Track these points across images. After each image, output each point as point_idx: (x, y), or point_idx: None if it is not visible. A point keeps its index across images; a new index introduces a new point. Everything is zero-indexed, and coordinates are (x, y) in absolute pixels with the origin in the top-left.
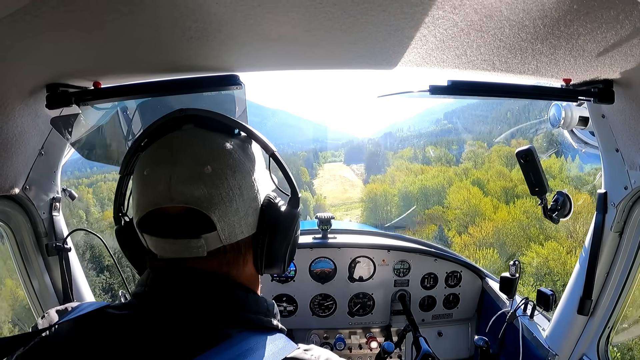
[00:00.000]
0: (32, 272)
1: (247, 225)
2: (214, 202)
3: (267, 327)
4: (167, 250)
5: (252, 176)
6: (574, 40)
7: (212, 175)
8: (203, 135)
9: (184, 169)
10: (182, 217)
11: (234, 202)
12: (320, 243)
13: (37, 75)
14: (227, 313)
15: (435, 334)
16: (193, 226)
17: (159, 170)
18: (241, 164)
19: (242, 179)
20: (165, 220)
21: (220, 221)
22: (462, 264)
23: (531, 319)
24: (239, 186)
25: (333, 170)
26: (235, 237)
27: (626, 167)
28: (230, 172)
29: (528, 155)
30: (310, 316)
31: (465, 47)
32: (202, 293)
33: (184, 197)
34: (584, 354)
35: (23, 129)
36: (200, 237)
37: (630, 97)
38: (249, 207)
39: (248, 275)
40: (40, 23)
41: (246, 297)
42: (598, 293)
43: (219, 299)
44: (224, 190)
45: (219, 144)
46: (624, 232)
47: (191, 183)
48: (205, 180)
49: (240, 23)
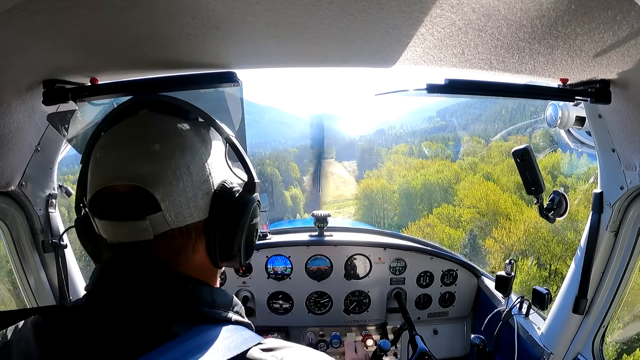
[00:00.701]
0: (27, 269)
1: (197, 209)
2: (159, 180)
3: (221, 320)
4: (116, 234)
5: (203, 158)
6: (571, 41)
7: (159, 153)
8: (157, 118)
9: (131, 148)
10: (128, 197)
11: (180, 181)
12: (317, 241)
13: (34, 71)
14: (174, 307)
15: (431, 332)
16: (138, 206)
17: (108, 151)
18: (192, 144)
19: (191, 159)
20: (112, 201)
21: (165, 200)
22: (458, 263)
23: (526, 318)
24: (187, 165)
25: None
26: (183, 219)
27: (622, 167)
28: (179, 151)
29: (525, 155)
30: (306, 314)
31: (463, 46)
32: (147, 288)
33: (128, 174)
34: (579, 353)
35: (19, 125)
36: (145, 219)
37: (627, 98)
38: (199, 189)
39: (199, 265)
40: (37, 19)
41: (196, 289)
42: (593, 292)
43: (166, 291)
44: (171, 169)
45: (170, 125)
46: (619, 232)
47: (137, 161)
48: (152, 157)
49: (238, 20)
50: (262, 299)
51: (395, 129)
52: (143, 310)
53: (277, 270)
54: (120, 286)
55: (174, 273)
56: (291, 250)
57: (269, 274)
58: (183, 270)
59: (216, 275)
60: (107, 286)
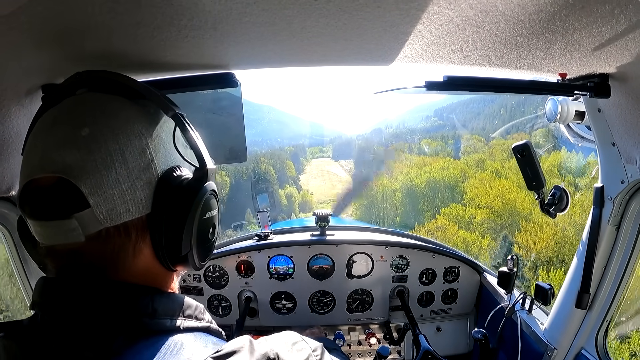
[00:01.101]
0: (30, 273)
1: (135, 202)
2: (86, 170)
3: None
4: (44, 235)
5: (143, 141)
6: (569, 35)
7: (88, 137)
8: (95, 97)
9: (60, 134)
10: (52, 191)
11: (112, 170)
12: (318, 240)
13: (33, 76)
14: (112, 321)
15: (434, 329)
16: (63, 202)
17: (36, 138)
18: (129, 126)
19: (126, 143)
20: (38, 196)
21: (93, 194)
22: (460, 259)
23: (529, 314)
24: (121, 151)
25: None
26: (118, 216)
27: (622, 161)
28: (111, 134)
29: (525, 150)
30: (309, 313)
31: (461, 42)
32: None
33: (54, 164)
34: (582, 348)
35: (19, 130)
36: (71, 217)
37: (626, 91)
38: (137, 179)
39: (144, 269)
40: (35, 23)
41: (133, 298)
42: (596, 287)
43: (100, 304)
44: (100, 156)
45: (105, 105)
46: (621, 226)
47: (64, 148)
48: (79, 144)
49: (235, 21)
50: (264, 300)
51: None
52: (81, 329)
53: (280, 270)
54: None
55: (108, 282)
56: (293, 250)
57: (271, 274)
58: (122, 277)
59: (171, 280)
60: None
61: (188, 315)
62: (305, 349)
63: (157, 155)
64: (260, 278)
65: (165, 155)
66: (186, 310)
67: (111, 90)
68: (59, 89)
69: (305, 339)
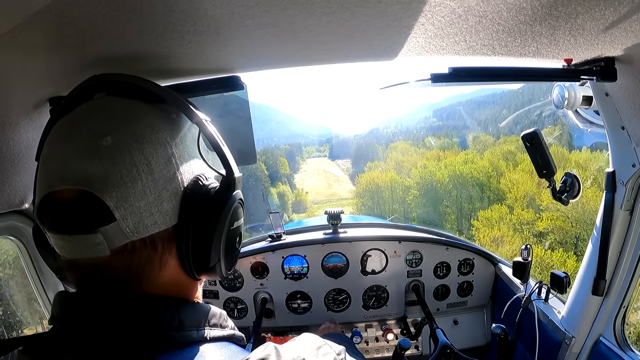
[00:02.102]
0: (47, 285)
1: (161, 214)
2: (111, 182)
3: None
4: (66, 249)
5: (168, 150)
6: (572, 20)
7: (111, 147)
8: (114, 102)
9: (80, 143)
10: (75, 205)
11: (138, 182)
12: (331, 238)
13: (40, 89)
14: (138, 336)
15: (451, 322)
16: (87, 216)
17: (55, 147)
18: (153, 134)
19: (152, 153)
20: (59, 210)
21: (119, 208)
22: (474, 251)
23: (546, 303)
24: (147, 162)
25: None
26: (145, 229)
27: (633, 144)
28: (135, 143)
29: (534, 138)
30: (326, 312)
31: (465, 33)
32: (106, 315)
33: (75, 176)
34: (600, 335)
35: (29, 143)
36: (97, 232)
37: (632, 74)
38: (164, 190)
39: (171, 281)
40: (39, 37)
41: (158, 311)
42: (612, 273)
43: (126, 319)
44: (125, 167)
45: (127, 111)
46: (634, 210)
47: (85, 159)
48: (102, 153)
49: (238, 24)
50: (280, 300)
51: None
52: (105, 345)
53: (294, 270)
54: (78, 320)
55: (133, 295)
56: (306, 249)
57: (285, 275)
58: (149, 290)
59: (195, 289)
60: (66, 320)
61: (213, 324)
62: (330, 353)
63: (183, 164)
64: (275, 279)
65: (190, 164)
66: (211, 319)
67: (131, 94)
68: (74, 94)
69: (328, 343)
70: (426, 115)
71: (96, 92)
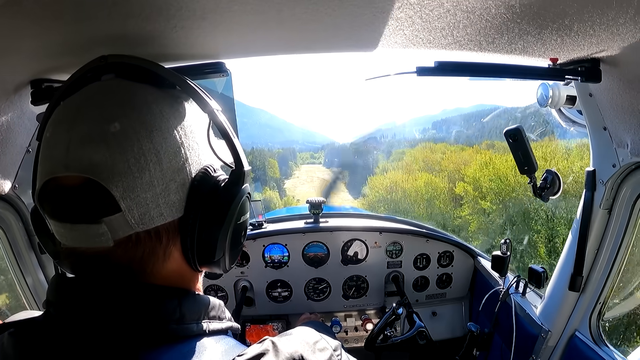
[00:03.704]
0: (25, 271)
1: (168, 206)
2: (118, 171)
3: (191, 336)
4: (67, 237)
5: (178, 140)
6: (560, 19)
7: (118, 134)
8: (123, 86)
9: (85, 127)
10: (79, 193)
11: (146, 172)
12: (313, 228)
13: (21, 71)
14: (139, 328)
15: (430, 313)
16: (91, 206)
17: (59, 131)
18: (163, 122)
19: (161, 142)
20: (62, 197)
21: (126, 198)
22: (454, 244)
23: (523, 297)
24: (155, 151)
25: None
26: (151, 221)
27: (614, 145)
28: (144, 131)
29: (517, 135)
30: (306, 300)
31: (452, 27)
32: (108, 303)
33: (80, 163)
34: (576, 330)
35: (9, 126)
36: (100, 222)
37: (616, 76)
38: (171, 181)
39: (173, 272)
40: (21, 17)
41: (161, 303)
42: (589, 269)
43: (128, 310)
44: (133, 156)
45: (136, 96)
46: (612, 210)
47: (91, 145)
48: (109, 140)
49: (224, 9)
50: (261, 288)
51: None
52: (103, 334)
53: (275, 259)
54: (76, 305)
55: (137, 285)
56: (287, 238)
57: (266, 263)
58: (152, 281)
59: (197, 279)
60: (63, 306)
61: (212, 316)
62: (327, 349)
63: (191, 154)
64: (255, 267)
65: (199, 154)
66: (210, 311)
67: (141, 78)
68: (79, 75)
69: (324, 337)
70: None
71: (104, 74)
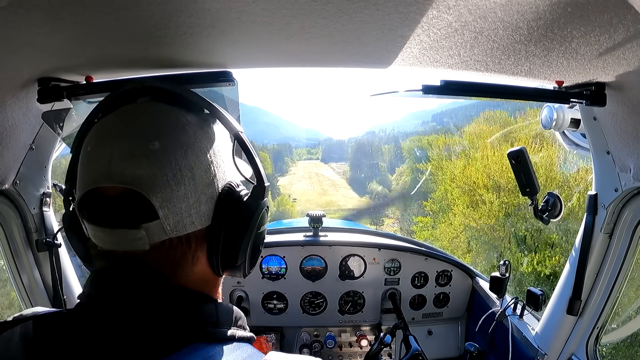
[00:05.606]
0: (21, 268)
1: (199, 216)
2: (157, 184)
3: (220, 339)
4: (106, 241)
5: (208, 158)
6: (567, 43)
7: (158, 152)
8: (157, 108)
9: (127, 144)
10: (120, 201)
11: (182, 185)
12: (311, 241)
13: (29, 69)
14: (169, 326)
15: (425, 332)
16: (132, 213)
17: (101, 146)
18: (196, 142)
19: (195, 160)
20: (103, 204)
21: (164, 207)
22: (453, 263)
23: (521, 319)
24: (190, 167)
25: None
26: (183, 228)
27: (617, 169)
28: (181, 150)
29: (520, 156)
30: (301, 314)
31: (459, 47)
32: (140, 302)
33: (123, 175)
34: (573, 354)
35: (14, 123)
36: (140, 227)
37: (622, 100)
38: (202, 194)
39: (199, 277)
40: (33, 16)
41: (199, 306)
42: (587, 294)
43: (165, 309)
44: (171, 171)
45: (172, 118)
46: (613, 234)
47: (133, 160)
48: (150, 157)
49: (234, 19)
50: (256, 299)
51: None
52: (140, 330)
53: (272, 270)
54: (115, 302)
55: (175, 288)
56: (286, 250)
57: (263, 274)
58: (184, 283)
59: (218, 285)
60: (101, 301)
61: (239, 325)
62: None
63: (219, 171)
64: (252, 278)
65: (224, 171)
66: (238, 320)
67: (174, 102)
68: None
69: None
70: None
71: (139, 96)
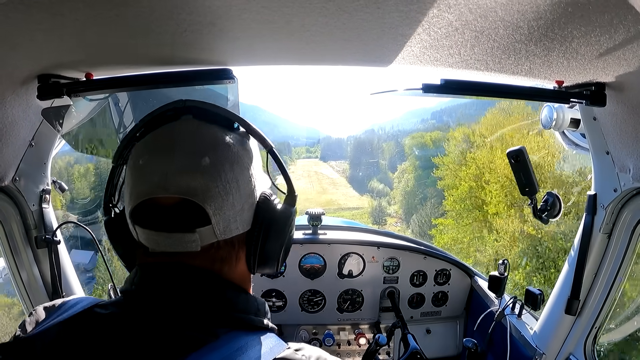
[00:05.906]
0: (20, 265)
1: (242, 221)
2: (211, 195)
3: (257, 327)
4: (160, 243)
5: (249, 171)
6: (567, 43)
7: (210, 166)
8: (202, 126)
9: (181, 160)
10: (176, 209)
11: (230, 195)
12: (311, 239)
13: (29, 65)
14: (216, 312)
15: (424, 331)
16: (188, 219)
17: (155, 160)
18: (239, 157)
19: (239, 173)
20: (159, 212)
21: (216, 215)
22: (451, 262)
23: (519, 318)
24: (236, 180)
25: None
26: (230, 232)
27: (616, 169)
28: (228, 165)
29: (519, 156)
30: (300, 312)
31: (459, 46)
32: (192, 291)
33: (179, 187)
34: (570, 354)
35: (14, 119)
36: (194, 231)
37: (621, 101)
38: (245, 203)
39: (240, 274)
40: (33, 12)
41: (237, 296)
42: (586, 293)
43: (210, 298)
44: (221, 183)
45: (217, 136)
46: (612, 234)
47: (188, 174)
48: (203, 171)
49: (235, 17)
50: None
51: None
52: (185, 313)
53: None
54: (163, 289)
55: (218, 279)
56: None
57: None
58: (230, 279)
59: (250, 281)
60: (149, 288)
61: (269, 317)
62: None
63: (257, 182)
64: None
65: (261, 182)
66: (268, 312)
67: (214, 120)
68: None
69: None
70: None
71: (182, 114)
